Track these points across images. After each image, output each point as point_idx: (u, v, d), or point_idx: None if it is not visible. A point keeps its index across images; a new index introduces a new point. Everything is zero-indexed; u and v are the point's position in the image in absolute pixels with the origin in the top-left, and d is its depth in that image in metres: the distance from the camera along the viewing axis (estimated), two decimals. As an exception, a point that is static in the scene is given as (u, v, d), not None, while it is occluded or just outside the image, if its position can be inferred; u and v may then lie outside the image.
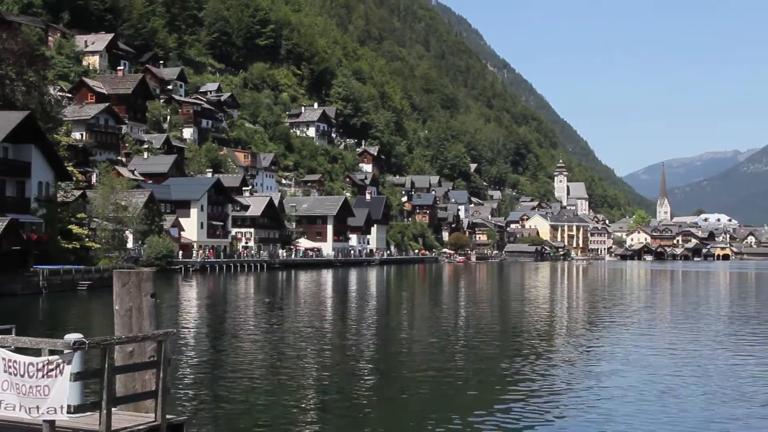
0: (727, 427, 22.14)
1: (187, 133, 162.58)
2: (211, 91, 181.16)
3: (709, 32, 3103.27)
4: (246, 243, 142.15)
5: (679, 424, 22.25)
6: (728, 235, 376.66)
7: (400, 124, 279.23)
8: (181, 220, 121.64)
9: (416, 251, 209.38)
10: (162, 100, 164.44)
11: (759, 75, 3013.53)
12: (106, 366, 12.54)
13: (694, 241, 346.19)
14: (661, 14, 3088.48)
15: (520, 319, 54.29)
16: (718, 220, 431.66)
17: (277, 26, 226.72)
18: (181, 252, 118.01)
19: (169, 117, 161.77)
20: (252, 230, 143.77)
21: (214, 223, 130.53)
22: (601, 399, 25.56)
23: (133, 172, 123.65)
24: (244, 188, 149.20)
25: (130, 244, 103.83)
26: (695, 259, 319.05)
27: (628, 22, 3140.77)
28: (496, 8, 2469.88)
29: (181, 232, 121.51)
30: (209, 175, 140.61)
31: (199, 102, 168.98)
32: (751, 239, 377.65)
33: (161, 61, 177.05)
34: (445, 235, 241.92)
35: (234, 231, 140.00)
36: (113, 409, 12.79)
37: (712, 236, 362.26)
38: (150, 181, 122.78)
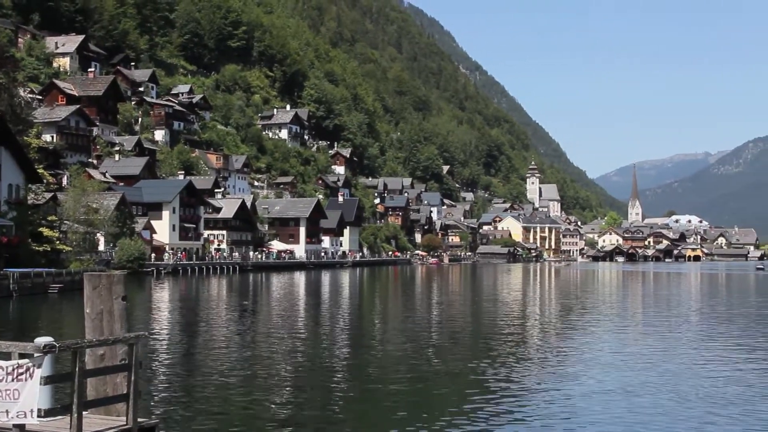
0: (692, 426, 22.33)
1: (159, 135, 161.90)
2: (182, 93, 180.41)
3: (679, 35, 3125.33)
4: (218, 245, 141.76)
5: (647, 424, 22.42)
6: (699, 237, 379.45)
7: (372, 126, 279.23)
8: (152, 222, 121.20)
9: (389, 253, 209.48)
10: (133, 102, 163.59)
11: (729, 77, 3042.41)
12: (77, 369, 12.46)
13: (665, 242, 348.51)
14: (632, 16, 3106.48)
15: (493, 322, 54.38)
16: (689, 221, 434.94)
17: (249, 28, 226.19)
18: (153, 254, 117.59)
19: (140, 119, 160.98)
20: (224, 232, 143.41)
21: (186, 225, 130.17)
22: (571, 400, 25.70)
23: (104, 174, 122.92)
24: (216, 190, 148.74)
25: (101, 247, 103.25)
26: (666, 260, 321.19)
27: (599, 24, 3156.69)
28: (468, 10, 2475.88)
29: (153, 235, 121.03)
30: (181, 177, 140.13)
31: (170, 104, 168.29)
32: (721, 240, 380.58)
33: (132, 63, 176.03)
34: (418, 237, 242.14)
35: (206, 233, 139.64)
36: (84, 412, 12.71)
37: (683, 237, 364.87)
38: (121, 184, 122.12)
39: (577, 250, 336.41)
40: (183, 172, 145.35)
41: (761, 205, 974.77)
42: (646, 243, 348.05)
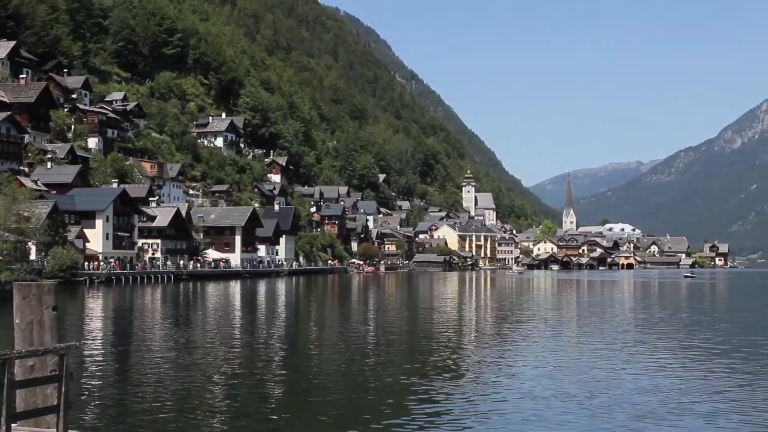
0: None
1: (92, 142, 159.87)
2: (116, 101, 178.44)
3: (611, 46, 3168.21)
4: (153, 254, 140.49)
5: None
6: (632, 245, 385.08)
7: (308, 134, 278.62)
8: (85, 231, 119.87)
9: (329, 262, 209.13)
10: (66, 109, 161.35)
11: (661, 87, 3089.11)
12: (6, 381, 12.26)
13: (599, 250, 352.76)
14: (564, 27, 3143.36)
15: (428, 331, 54.63)
16: (623, 229, 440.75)
17: (185, 35, 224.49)
18: (87, 263, 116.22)
19: (73, 126, 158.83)
20: (159, 241, 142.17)
21: (120, 234, 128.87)
22: (501, 407, 25.97)
23: (36, 182, 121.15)
24: (150, 199, 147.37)
25: (32, 256, 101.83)
26: (600, 268, 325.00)
27: (532, 35, 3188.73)
28: (404, 20, 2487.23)
29: (86, 244, 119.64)
30: (115, 185, 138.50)
31: (104, 111, 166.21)
32: (654, 248, 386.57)
33: (65, 70, 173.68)
34: (354, 246, 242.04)
35: (140, 242, 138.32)
36: (13, 425, 12.52)
37: (616, 245, 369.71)
38: (54, 192, 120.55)
39: (512, 258, 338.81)
40: (117, 180, 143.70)
41: (692, 213, 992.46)
42: (581, 251, 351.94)
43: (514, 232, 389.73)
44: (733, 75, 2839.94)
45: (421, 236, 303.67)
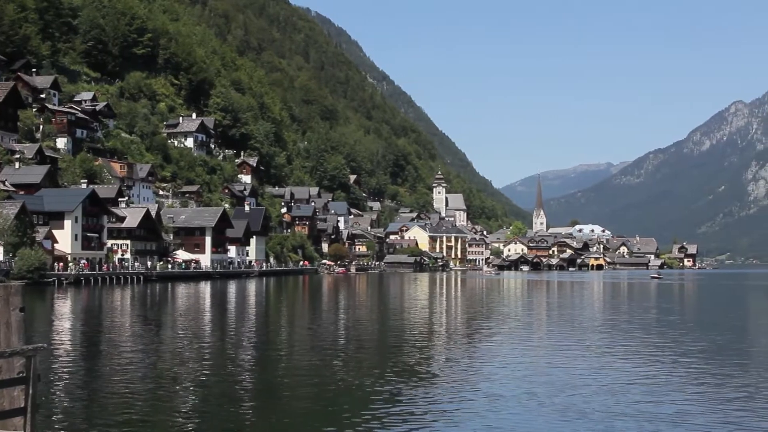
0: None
1: (61, 143, 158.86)
2: (86, 101, 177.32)
3: (581, 48, 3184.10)
4: (122, 255, 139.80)
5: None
6: (602, 246, 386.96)
7: (279, 135, 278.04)
8: (54, 231, 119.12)
9: (299, 263, 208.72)
10: (34, 109, 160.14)
11: (631, 89, 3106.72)
12: (-27, 383, 12.25)
13: (569, 251, 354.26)
14: (535, 29, 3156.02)
15: (398, 332, 54.77)
16: (592, 230, 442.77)
17: (155, 35, 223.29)
18: (55, 264, 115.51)
19: (41, 126, 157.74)
20: (128, 242, 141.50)
21: (89, 234, 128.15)
22: (464, 407, 26.17)
23: (3, 182, 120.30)
24: (120, 199, 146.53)
25: (0, 257, 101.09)
26: (570, 269, 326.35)
27: (503, 37, 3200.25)
28: (376, 21, 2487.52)
29: (55, 244, 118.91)
30: (84, 186, 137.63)
31: (73, 111, 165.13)
32: (623, 249, 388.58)
33: (34, 69, 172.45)
34: (325, 247, 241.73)
35: (110, 243, 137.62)
36: (-21, 427, 12.50)
37: (586, 247, 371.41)
38: (22, 192, 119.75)
39: (483, 259, 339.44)
40: (86, 180, 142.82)
41: (661, 215, 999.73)
42: (551, 252, 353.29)
43: (485, 233, 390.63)
44: (702, 78, 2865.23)
45: (392, 237, 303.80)
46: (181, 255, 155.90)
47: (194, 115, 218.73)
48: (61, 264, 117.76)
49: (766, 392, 29.82)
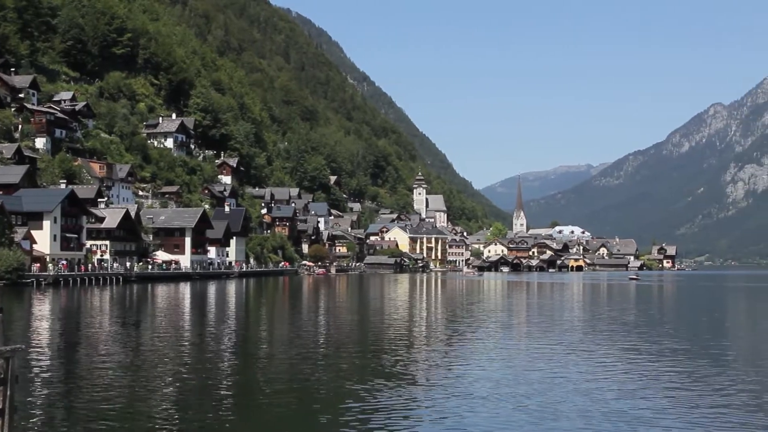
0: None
1: (40, 142, 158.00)
2: (65, 100, 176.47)
3: (561, 50, 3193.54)
4: (101, 256, 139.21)
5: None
6: (581, 247, 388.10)
7: (259, 135, 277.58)
8: (33, 232, 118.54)
9: (280, 264, 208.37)
10: (13, 109, 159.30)
11: (611, 91, 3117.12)
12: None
13: (549, 252, 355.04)
14: (514, 31, 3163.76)
15: (378, 334, 54.86)
16: (572, 232, 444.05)
17: (135, 35, 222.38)
18: (34, 265, 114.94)
19: (20, 126, 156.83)
20: (108, 243, 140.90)
21: (68, 235, 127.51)
22: (441, 407, 26.32)
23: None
24: (99, 200, 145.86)
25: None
26: (550, 270, 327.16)
27: (483, 38, 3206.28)
28: (356, 22, 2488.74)
29: (33, 245, 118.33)
30: (63, 186, 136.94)
31: (52, 111, 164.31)
32: (603, 251, 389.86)
33: (12, 69, 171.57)
34: (305, 247, 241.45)
35: (89, 243, 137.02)
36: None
37: (566, 248, 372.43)
38: (0, 192, 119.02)
39: (463, 261, 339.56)
40: (65, 180, 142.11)
41: (641, 216, 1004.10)
42: (531, 253, 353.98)
43: (465, 234, 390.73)
44: (681, 80, 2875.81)
45: (372, 238, 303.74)
46: (161, 256, 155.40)
47: (174, 116, 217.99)
48: (38, 265, 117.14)
49: (740, 393, 30.08)
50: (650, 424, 24.67)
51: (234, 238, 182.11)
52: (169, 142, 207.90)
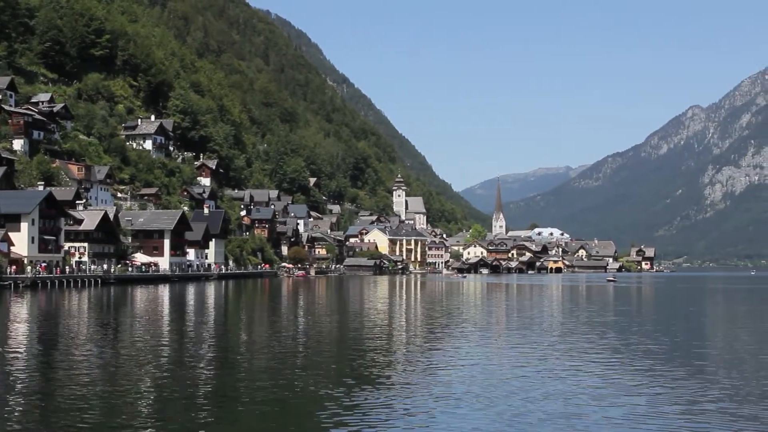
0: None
1: (18, 144, 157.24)
2: (43, 102, 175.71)
3: (541, 52, 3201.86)
4: (80, 258, 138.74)
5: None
6: (560, 249, 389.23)
7: (238, 137, 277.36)
8: (10, 234, 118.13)
9: (259, 266, 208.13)
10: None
11: (590, 93, 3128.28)
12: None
13: (528, 254, 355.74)
14: (493, 33, 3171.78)
15: (355, 335, 55.02)
16: (551, 234, 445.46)
17: (113, 36, 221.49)
18: (12, 267, 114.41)
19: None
20: (86, 245, 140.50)
21: (46, 237, 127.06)
22: (423, 411, 26.50)
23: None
24: (77, 202, 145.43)
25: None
26: (529, 272, 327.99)
27: (462, 39, 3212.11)
28: (335, 24, 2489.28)
29: (11, 247, 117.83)
30: (41, 188, 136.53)
31: (30, 112, 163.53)
32: (582, 252, 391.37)
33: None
34: (285, 249, 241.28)
35: (67, 245, 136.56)
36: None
37: (545, 250, 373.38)
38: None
39: (442, 262, 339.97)
40: (43, 183, 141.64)
41: (619, 218, 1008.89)
42: (510, 255, 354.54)
43: (444, 236, 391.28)
44: (660, 82, 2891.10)
45: (352, 240, 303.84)
46: (140, 258, 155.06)
47: (153, 117, 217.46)
48: (14, 267, 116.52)
49: (716, 394, 30.36)
50: (624, 425, 24.86)
51: (213, 240, 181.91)
52: (148, 144, 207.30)
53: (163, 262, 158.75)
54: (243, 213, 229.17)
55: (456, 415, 25.94)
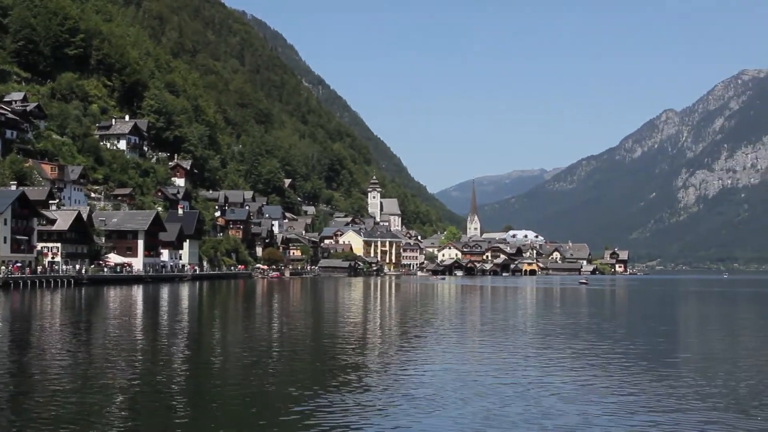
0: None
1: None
2: (16, 101, 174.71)
3: (515, 54, 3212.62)
4: (53, 258, 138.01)
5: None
6: (535, 251, 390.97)
7: (213, 138, 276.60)
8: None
9: (233, 267, 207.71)
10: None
11: (564, 96, 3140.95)
12: None
13: (502, 256, 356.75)
14: (469, 34, 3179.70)
15: (330, 337, 55.03)
16: (526, 236, 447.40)
17: (87, 36, 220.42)
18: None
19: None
20: (59, 245, 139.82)
21: (18, 237, 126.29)
22: (395, 414, 26.58)
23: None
24: (51, 201, 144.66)
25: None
26: (504, 274, 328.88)
27: (437, 41, 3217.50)
28: (311, 25, 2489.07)
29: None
30: (13, 187, 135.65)
31: (3, 112, 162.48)
32: (556, 255, 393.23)
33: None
34: (259, 251, 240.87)
35: (40, 246, 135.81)
36: None
37: (519, 252, 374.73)
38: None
39: (417, 264, 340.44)
40: (15, 182, 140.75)
41: (594, 220, 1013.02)
42: (485, 257, 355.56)
43: (419, 238, 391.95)
44: (634, 86, 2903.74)
45: (327, 241, 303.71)
46: (113, 258, 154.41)
47: (127, 117, 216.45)
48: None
49: (687, 393, 30.58)
50: (596, 424, 25.01)
51: (187, 240, 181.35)
52: (122, 144, 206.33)
53: (137, 263, 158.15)
54: (217, 214, 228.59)
55: (430, 415, 26.03)
